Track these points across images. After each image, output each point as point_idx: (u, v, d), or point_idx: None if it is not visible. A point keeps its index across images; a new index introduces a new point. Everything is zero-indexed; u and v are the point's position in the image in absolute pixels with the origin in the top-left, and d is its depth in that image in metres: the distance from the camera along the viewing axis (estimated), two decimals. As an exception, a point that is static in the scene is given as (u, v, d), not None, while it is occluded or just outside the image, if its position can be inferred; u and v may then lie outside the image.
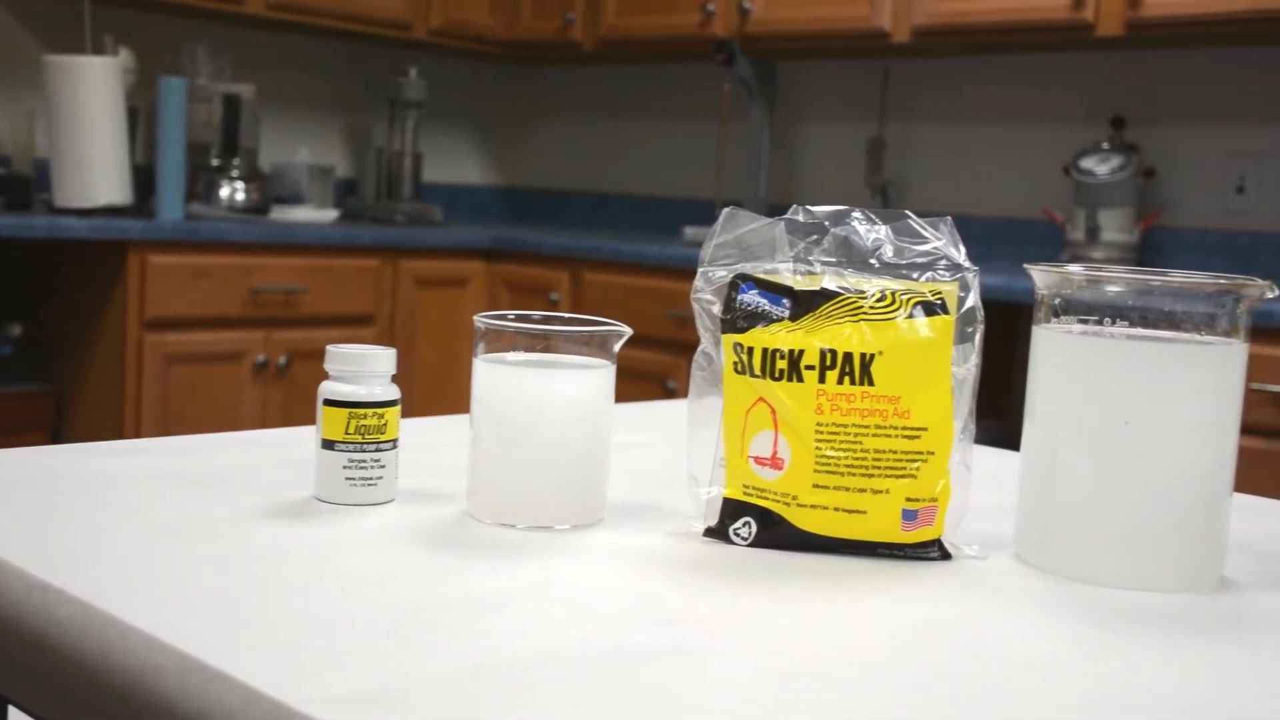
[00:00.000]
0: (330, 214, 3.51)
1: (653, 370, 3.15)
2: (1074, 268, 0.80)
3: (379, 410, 0.85)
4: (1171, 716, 0.57)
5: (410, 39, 3.76)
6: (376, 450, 0.85)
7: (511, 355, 0.84)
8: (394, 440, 0.87)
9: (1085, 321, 0.79)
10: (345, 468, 0.85)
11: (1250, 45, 3.01)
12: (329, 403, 0.85)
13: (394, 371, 0.87)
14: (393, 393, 0.87)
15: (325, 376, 0.86)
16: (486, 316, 0.84)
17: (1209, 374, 0.77)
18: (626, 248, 3.31)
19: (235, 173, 3.36)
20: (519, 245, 3.53)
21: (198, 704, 0.55)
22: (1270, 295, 0.77)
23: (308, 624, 0.63)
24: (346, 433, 0.85)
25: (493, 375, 0.84)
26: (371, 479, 0.85)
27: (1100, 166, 3.04)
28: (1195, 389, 0.77)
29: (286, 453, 0.99)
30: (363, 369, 0.86)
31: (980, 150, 3.48)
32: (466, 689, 0.56)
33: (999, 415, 2.45)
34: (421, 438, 1.06)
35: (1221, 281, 0.77)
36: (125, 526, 0.78)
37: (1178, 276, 0.77)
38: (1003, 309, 2.49)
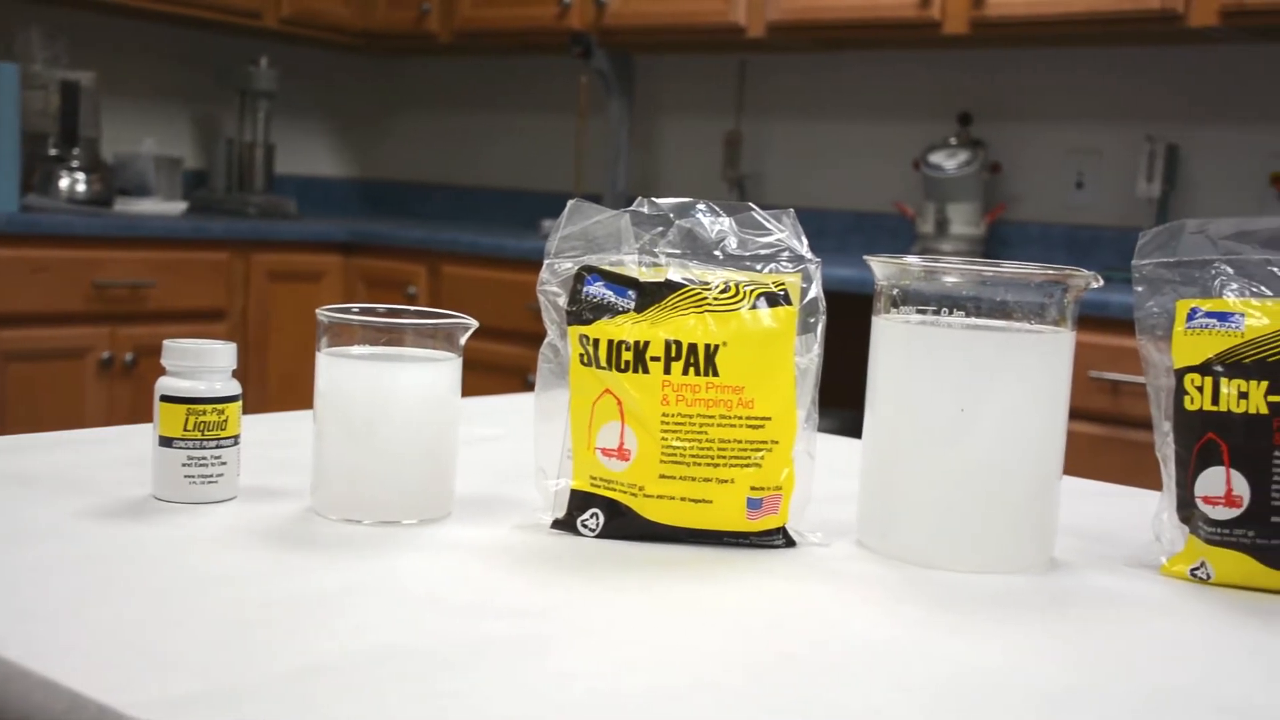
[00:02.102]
0: (178, 206, 3.41)
1: (512, 364, 3.13)
2: (911, 259, 0.82)
3: (219, 406, 0.83)
4: (1005, 692, 0.59)
5: (260, 27, 3.68)
6: (217, 447, 0.83)
7: (356, 349, 0.83)
8: (235, 437, 0.85)
9: (923, 312, 0.81)
10: (184, 465, 0.83)
11: (1088, 46, 3.12)
12: (166, 399, 0.83)
13: (234, 366, 0.85)
14: (233, 388, 0.85)
15: (168, 373, 0.84)
16: (329, 310, 0.83)
17: (1039, 362, 0.80)
18: (485, 241, 3.29)
19: (75, 163, 3.24)
20: (376, 238, 3.48)
21: (19, 712, 0.53)
22: (1095, 285, 0.80)
23: (139, 626, 0.61)
24: (185, 429, 0.83)
25: (336, 369, 0.83)
26: (211, 476, 0.83)
27: (948, 162, 3.12)
28: (1026, 376, 0.79)
29: (127, 451, 0.96)
30: (201, 364, 0.84)
31: (834, 145, 3.55)
32: (304, 688, 0.55)
33: (855, 405, 2.50)
34: (267, 434, 1.04)
35: (1049, 272, 0.79)
36: (-52, 530, 0.75)
37: (1009, 268, 0.80)
38: (856, 300, 2.54)
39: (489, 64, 4.20)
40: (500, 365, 3.13)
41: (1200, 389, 0.79)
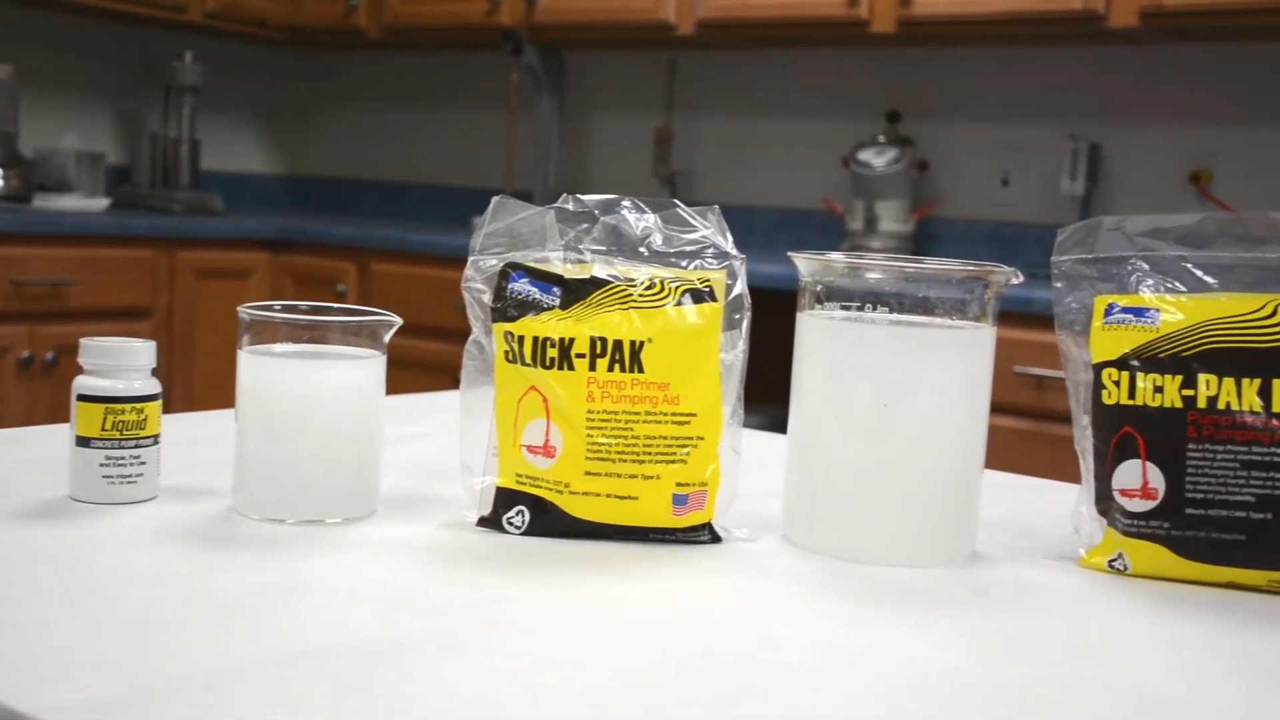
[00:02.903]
0: (101, 203, 3.36)
1: (444, 361, 3.12)
2: (835, 255, 0.82)
3: (138, 405, 0.82)
4: (926, 684, 0.60)
5: (184, 21, 3.63)
6: (136, 447, 0.82)
7: (279, 347, 0.82)
8: (155, 436, 0.83)
9: (847, 308, 0.81)
10: (102, 465, 0.81)
11: (1014, 45, 3.16)
12: (83, 398, 0.82)
13: (154, 365, 0.84)
14: (153, 387, 0.83)
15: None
16: (251, 307, 0.82)
17: (960, 357, 0.81)
18: (414, 238, 3.27)
19: (-6, 159, 3.18)
20: (304, 235, 3.45)
21: (-73, 718, 0.52)
22: (1015, 281, 0.81)
23: (53, 628, 0.60)
24: (103, 429, 0.81)
25: (259, 367, 0.82)
26: (131, 476, 0.82)
27: (877, 159, 3.15)
28: (948, 372, 0.80)
29: (44, 451, 0.94)
30: (119, 362, 0.82)
31: (764, 142, 3.56)
32: (222, 690, 0.54)
33: (783, 401, 2.51)
34: (189, 433, 1.02)
35: (970, 268, 0.80)
36: None
37: (931, 264, 0.80)
38: (785, 297, 2.55)
39: (419, 60, 4.17)
40: (432, 363, 3.11)
41: (1117, 383, 0.80)
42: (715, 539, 0.82)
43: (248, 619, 0.63)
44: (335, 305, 0.84)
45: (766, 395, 1.51)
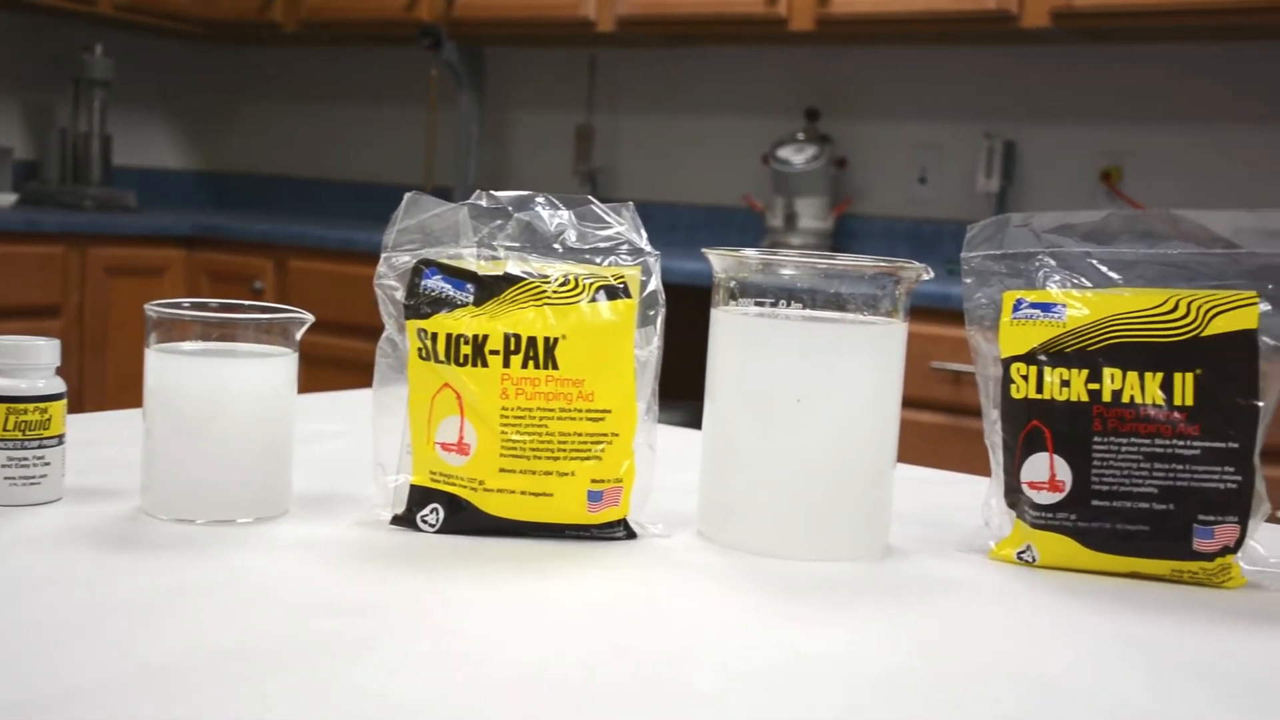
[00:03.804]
0: (7, 198, 3.28)
1: (363, 359, 3.08)
2: (748, 252, 0.83)
3: (41, 405, 0.80)
4: (836, 677, 0.60)
5: (94, 13, 3.56)
6: (39, 447, 0.80)
7: (187, 345, 0.81)
8: (59, 436, 0.82)
9: (761, 304, 0.82)
10: (4, 466, 0.80)
11: (930, 44, 3.20)
12: (-16, 398, 0.80)
13: (58, 363, 0.82)
14: (56, 386, 0.82)
15: None
16: (158, 305, 0.80)
17: (872, 352, 0.81)
18: (333, 234, 3.23)
19: (-103, 153, 3.10)
20: (220, 232, 3.40)
21: None
22: (926, 277, 0.82)
23: (-49, 635, 0.59)
24: (5, 429, 0.80)
25: (166, 366, 0.80)
26: (34, 477, 0.80)
27: (796, 156, 3.17)
28: (859, 367, 0.81)
29: (-57, 453, 0.92)
30: (22, 361, 0.80)
31: (685, 139, 3.57)
32: (128, 693, 0.53)
33: (702, 397, 2.52)
34: (97, 433, 1.00)
35: (881, 264, 0.81)
36: None
37: (843, 260, 0.81)
38: (706, 293, 2.56)
39: (337, 54, 4.13)
40: (353, 361, 3.08)
41: (1025, 378, 0.81)
42: (630, 535, 0.82)
43: (154, 622, 0.62)
44: (246, 303, 0.83)
45: (688, 391, 1.51)
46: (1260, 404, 0.78)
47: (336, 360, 3.10)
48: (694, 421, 0.87)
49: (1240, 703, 0.60)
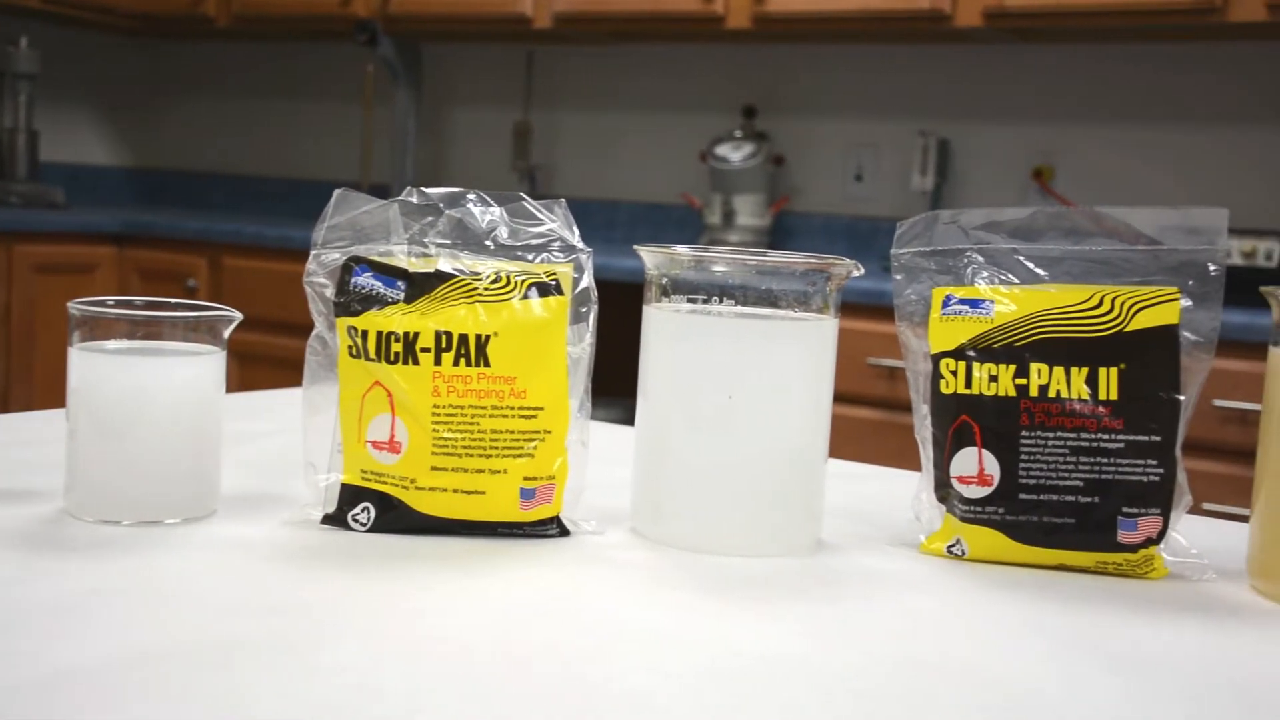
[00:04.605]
0: (-67, 195, 3.22)
1: (299, 358, 3.06)
2: (680, 248, 0.83)
3: (-39, 405, 0.79)
4: (766, 672, 0.61)
5: (20, 5, 3.49)
6: (-40, 448, 0.79)
7: (111, 343, 0.80)
8: (-20, 437, 0.80)
9: (693, 301, 0.82)
10: (-77, 469, 0.78)
11: (865, 43, 3.22)
12: (-99, 398, 0.78)
13: (-22, 363, 0.81)
14: (-23, 386, 0.80)
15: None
16: (82, 303, 0.79)
17: (803, 348, 0.82)
18: (269, 232, 3.20)
19: None
20: (152, 229, 3.35)
21: None
22: (856, 274, 0.83)
23: None
24: (-77, 431, 0.78)
25: (90, 365, 0.79)
26: (-46, 480, 0.79)
27: (734, 154, 3.18)
28: (791, 363, 0.81)
29: None
30: (-59, 361, 0.79)
31: (623, 136, 3.57)
32: (51, 696, 0.52)
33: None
34: (18, 434, 0.99)
35: (812, 261, 0.81)
36: None
37: (773, 257, 0.81)
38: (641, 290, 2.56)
39: (271, 49, 4.09)
40: (289, 359, 3.05)
41: (955, 373, 0.82)
42: (563, 532, 0.82)
43: (78, 624, 0.61)
44: (173, 300, 0.82)
45: (625, 388, 1.51)
46: (1182, 398, 0.79)
47: (273, 358, 3.07)
48: (631, 418, 0.88)
49: (1162, 690, 0.61)
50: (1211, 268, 0.80)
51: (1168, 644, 0.68)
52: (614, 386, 1.52)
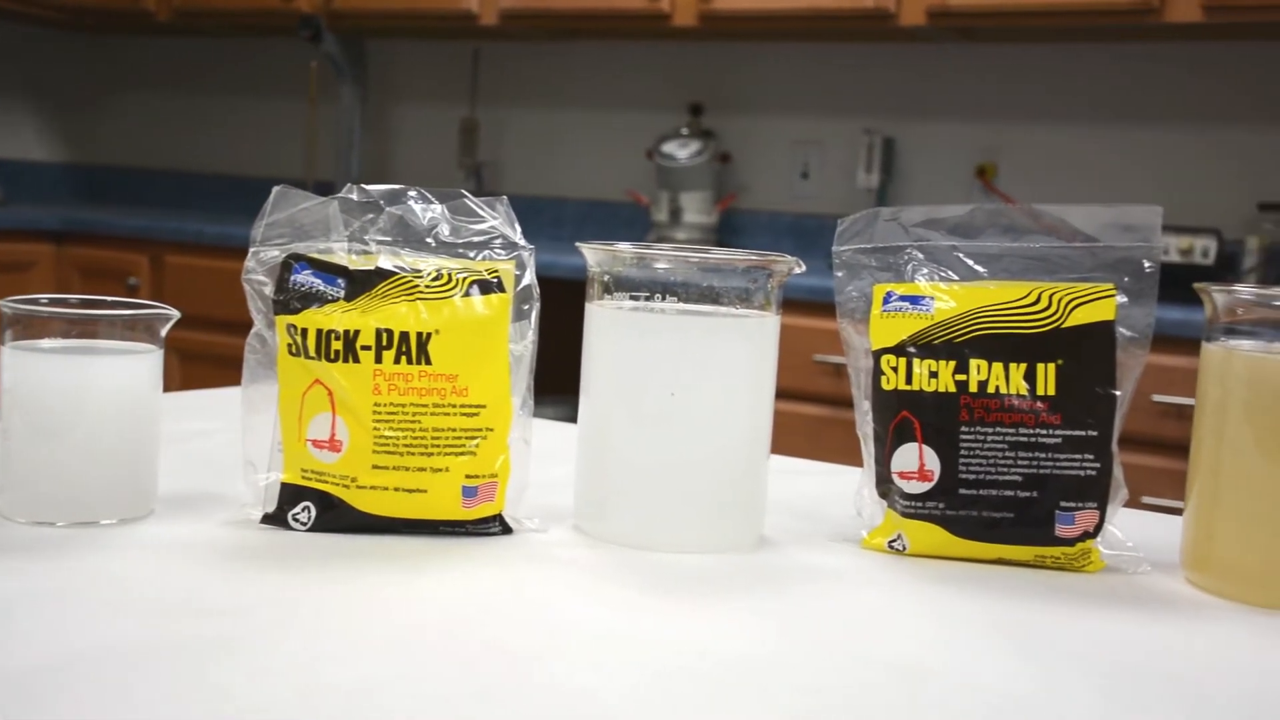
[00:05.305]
0: None
1: (242, 356, 3.03)
2: (622, 246, 0.83)
3: (-110, 405, 0.77)
4: (708, 668, 0.61)
5: (-42, 0, 3.44)
6: (-111, 449, 0.78)
7: (46, 342, 0.78)
8: (-89, 438, 0.79)
9: (636, 298, 0.82)
10: None
11: (811, 41, 3.24)
12: None
13: (-92, 362, 0.79)
14: (-93, 386, 0.79)
15: None
16: (14, 301, 0.78)
17: (744, 345, 0.82)
18: (211, 229, 3.17)
19: None
20: (92, 227, 3.31)
21: None
22: (798, 271, 0.83)
23: None
24: None
25: (24, 364, 0.78)
26: (-116, 481, 0.77)
27: (680, 151, 3.18)
28: (732, 360, 0.82)
29: None
30: None
31: (570, 133, 3.57)
32: (-23, 702, 0.52)
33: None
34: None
35: (753, 258, 0.82)
36: None
37: (715, 254, 0.82)
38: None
39: (214, 45, 4.04)
40: (232, 357, 3.02)
41: (895, 369, 0.83)
42: (506, 530, 0.82)
43: (11, 626, 0.60)
44: (109, 299, 0.81)
45: (571, 386, 1.51)
46: (1118, 393, 0.80)
47: (216, 357, 3.04)
48: (574, 416, 0.87)
49: (1099, 680, 0.62)
50: (1146, 264, 0.81)
51: (1102, 635, 0.69)
52: (559, 384, 1.52)
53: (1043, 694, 0.60)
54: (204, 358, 3.05)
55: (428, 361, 0.78)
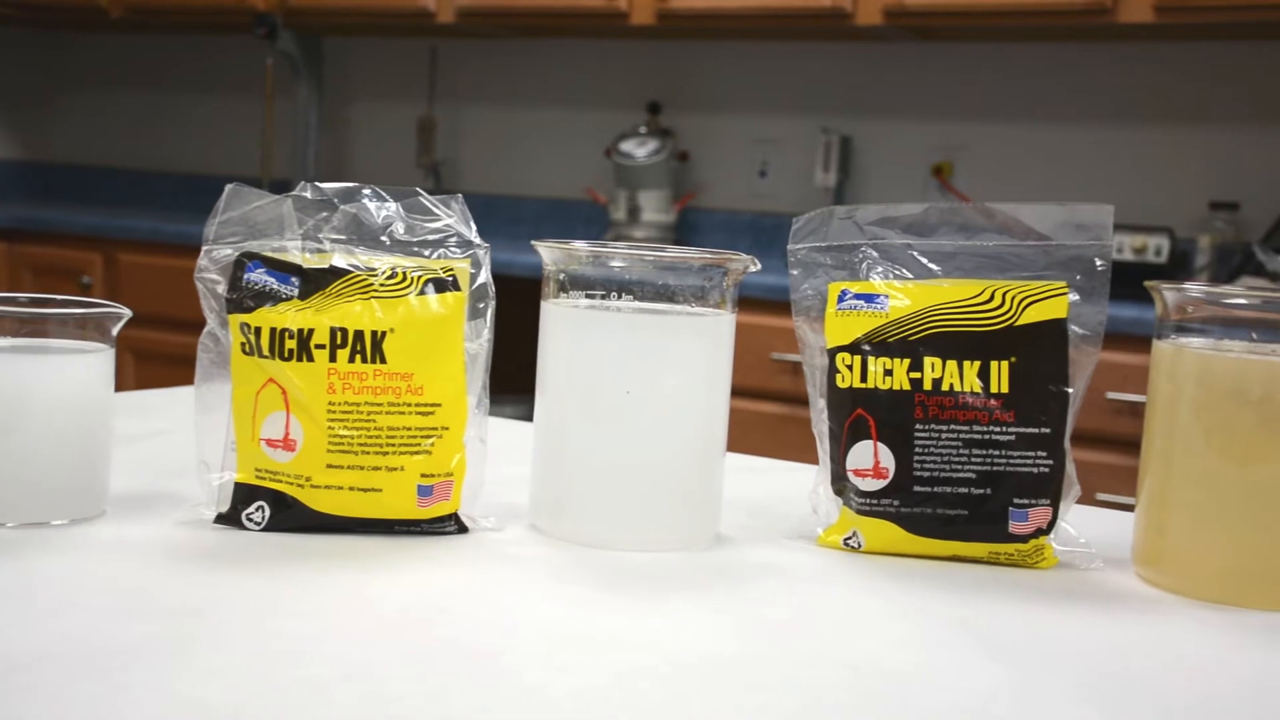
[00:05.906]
0: None
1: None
2: (578, 244, 0.83)
3: None
4: (662, 665, 0.61)
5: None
6: None
7: (-6, 341, 0.77)
8: None
9: (592, 296, 0.82)
10: None
11: (768, 40, 3.25)
12: None
13: None
14: None
15: None
16: (-38, 299, 0.77)
17: (700, 343, 0.82)
18: (166, 228, 3.14)
19: None
20: (44, 225, 3.27)
21: None
22: (754, 269, 0.84)
23: None
24: None
25: (-28, 363, 0.77)
26: None
27: (638, 149, 3.19)
28: (688, 358, 0.82)
29: None
30: None
31: (528, 132, 3.56)
32: (-77, 706, 0.51)
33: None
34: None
35: (708, 256, 0.82)
36: None
37: (671, 252, 0.82)
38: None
39: (168, 41, 4.01)
40: (186, 356, 3.00)
41: (850, 367, 0.83)
42: (462, 529, 0.81)
43: (-45, 630, 0.59)
44: (59, 297, 0.80)
45: (527, 384, 1.51)
46: (1070, 390, 0.81)
47: (170, 356, 3.01)
48: (530, 414, 0.87)
49: (1053, 675, 0.63)
50: (1098, 263, 0.82)
51: (1055, 631, 0.70)
52: (516, 382, 1.52)
53: (1004, 690, 0.61)
54: (158, 357, 3.03)
55: (383, 360, 0.78)
